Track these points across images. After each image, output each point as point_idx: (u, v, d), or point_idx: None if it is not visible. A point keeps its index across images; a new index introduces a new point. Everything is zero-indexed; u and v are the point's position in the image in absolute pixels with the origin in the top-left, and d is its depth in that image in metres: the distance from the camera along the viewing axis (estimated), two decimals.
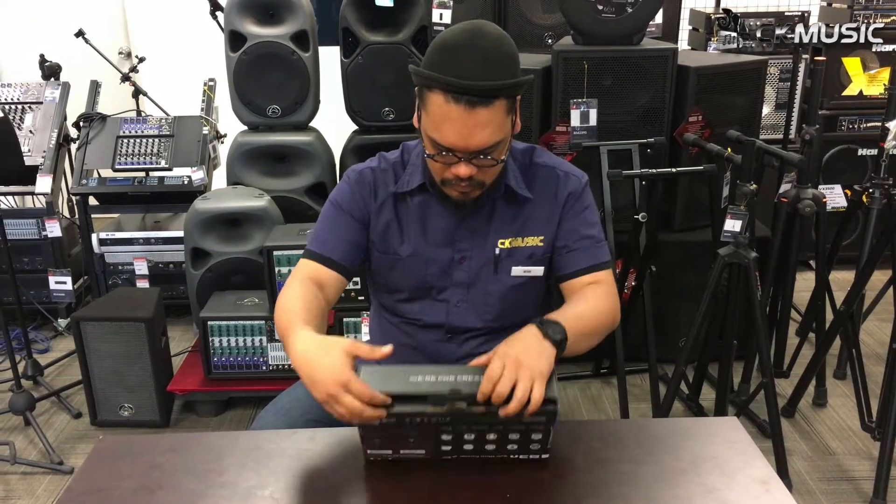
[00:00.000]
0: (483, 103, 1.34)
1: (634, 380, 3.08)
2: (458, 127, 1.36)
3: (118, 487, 1.28)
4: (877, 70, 3.85)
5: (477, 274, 1.58)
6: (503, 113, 1.38)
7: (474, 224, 1.57)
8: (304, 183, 3.30)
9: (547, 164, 1.60)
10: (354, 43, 3.20)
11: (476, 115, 1.34)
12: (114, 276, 3.51)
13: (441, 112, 1.36)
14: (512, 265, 1.58)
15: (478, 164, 1.41)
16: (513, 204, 1.57)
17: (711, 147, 2.56)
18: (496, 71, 1.35)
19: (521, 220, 1.57)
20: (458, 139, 1.37)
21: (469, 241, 1.57)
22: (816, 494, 2.43)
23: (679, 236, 3.02)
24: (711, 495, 1.23)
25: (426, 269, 1.58)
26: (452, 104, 1.34)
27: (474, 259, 1.58)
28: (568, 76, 2.80)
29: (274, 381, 2.82)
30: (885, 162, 2.75)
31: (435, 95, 1.36)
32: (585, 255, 1.57)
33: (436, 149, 1.41)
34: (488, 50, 1.35)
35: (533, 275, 1.59)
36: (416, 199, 1.57)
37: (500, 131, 1.39)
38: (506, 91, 1.36)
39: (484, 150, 1.39)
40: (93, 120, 3.43)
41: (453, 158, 1.40)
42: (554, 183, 1.58)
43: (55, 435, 2.81)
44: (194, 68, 3.94)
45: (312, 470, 1.32)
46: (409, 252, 1.58)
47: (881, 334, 3.39)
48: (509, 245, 1.57)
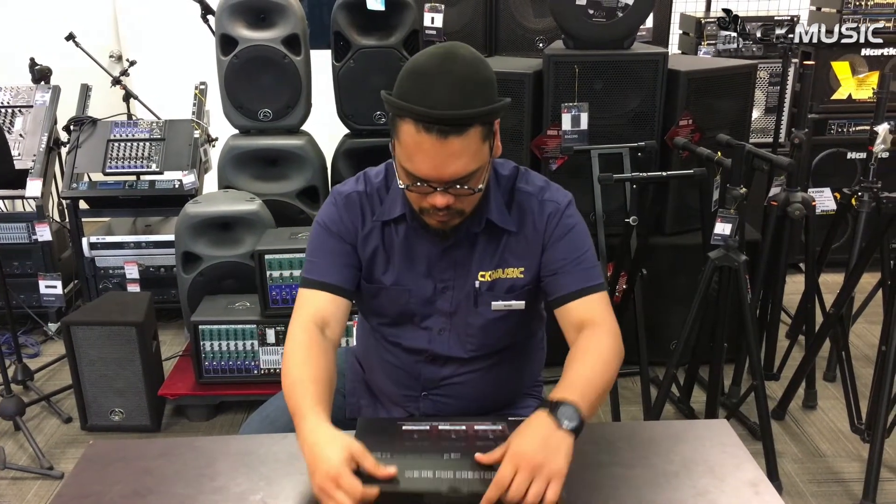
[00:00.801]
0: (456, 132, 1.28)
1: (626, 382, 3.09)
2: (430, 157, 1.30)
3: (109, 492, 1.28)
4: (865, 74, 3.87)
5: (458, 304, 1.54)
6: (478, 140, 1.32)
7: (457, 256, 1.51)
8: (295, 187, 3.30)
9: (528, 191, 1.52)
10: (346, 47, 3.20)
11: (449, 145, 1.29)
12: (104, 281, 3.50)
13: (413, 142, 1.30)
14: (491, 299, 1.52)
15: (455, 194, 1.36)
16: (496, 235, 1.51)
17: (701, 151, 2.57)
18: (469, 98, 1.28)
19: (500, 251, 1.51)
20: (430, 170, 1.32)
21: (451, 272, 1.52)
22: (806, 496, 2.44)
23: (670, 240, 3.03)
24: (702, 498, 1.24)
25: (408, 298, 1.54)
26: (424, 134, 1.28)
27: (456, 289, 1.53)
28: (559, 80, 2.81)
29: (265, 385, 2.81)
30: (874, 165, 2.77)
31: (406, 125, 1.30)
32: (574, 278, 1.48)
33: (410, 179, 1.36)
34: (460, 76, 1.29)
35: (514, 308, 1.54)
36: (401, 227, 1.52)
37: (475, 160, 1.33)
38: (480, 118, 1.30)
39: (459, 180, 1.34)
40: (83, 123, 3.42)
41: (428, 189, 1.35)
42: (533, 212, 1.51)
43: (45, 440, 2.79)
44: (185, 72, 3.93)
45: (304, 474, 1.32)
46: (392, 281, 1.53)
47: (870, 337, 3.41)
48: (490, 278, 1.51)
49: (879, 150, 2.71)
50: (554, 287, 1.50)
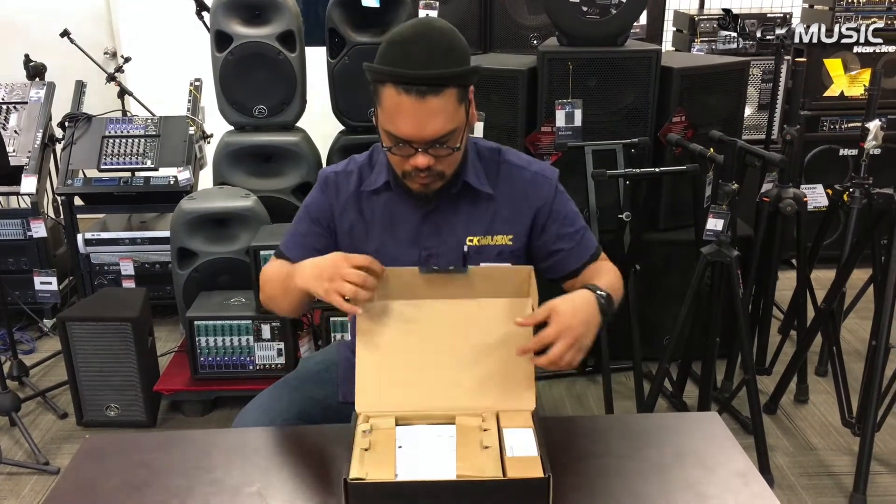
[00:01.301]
0: (433, 92, 1.36)
1: (619, 378, 3.11)
2: (410, 117, 1.38)
3: (106, 485, 1.29)
4: (857, 71, 3.90)
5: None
6: (454, 101, 1.40)
7: (439, 221, 1.58)
8: (290, 183, 3.31)
9: (515, 163, 1.62)
10: (341, 43, 3.20)
11: (427, 105, 1.37)
12: (99, 277, 3.50)
13: (393, 104, 1.39)
14: (480, 262, 1.58)
15: (434, 154, 1.43)
16: (478, 201, 1.58)
17: (694, 147, 2.59)
18: (444, 61, 1.37)
19: (488, 219, 1.58)
20: (411, 129, 1.39)
21: (435, 238, 1.58)
22: (798, 489, 2.46)
23: (663, 236, 3.05)
24: (692, 489, 1.26)
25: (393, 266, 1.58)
26: (403, 95, 1.37)
27: (442, 256, 1.58)
28: (553, 77, 2.82)
29: (261, 380, 2.80)
30: (866, 162, 2.79)
31: (387, 89, 1.39)
32: (577, 253, 1.62)
33: (392, 141, 1.43)
34: (435, 42, 1.39)
35: None
36: (382, 197, 1.59)
37: (452, 120, 1.41)
38: (454, 80, 1.39)
39: (439, 139, 1.41)
40: (78, 120, 3.42)
41: (410, 150, 1.43)
42: (523, 183, 1.59)
43: (41, 435, 2.80)
44: (180, 68, 3.94)
45: (298, 467, 1.33)
46: (375, 249, 1.58)
47: (861, 332, 3.44)
48: (478, 243, 1.58)
49: (871, 147, 2.73)
50: (561, 266, 1.63)
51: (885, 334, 2.32)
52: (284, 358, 2.84)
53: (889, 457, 2.61)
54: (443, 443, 1.28)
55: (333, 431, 1.41)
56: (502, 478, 1.18)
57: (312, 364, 1.77)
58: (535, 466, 1.21)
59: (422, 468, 1.22)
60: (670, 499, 1.23)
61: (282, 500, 1.24)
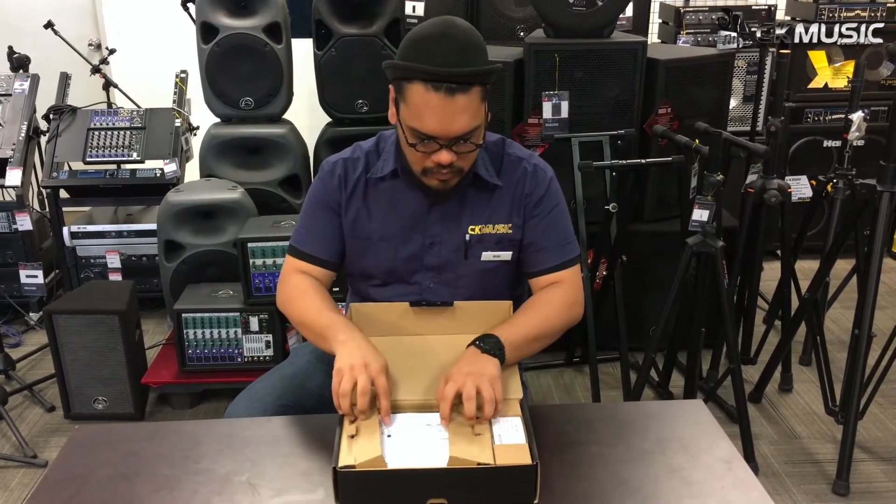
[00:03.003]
0: (461, 90, 1.40)
1: (606, 368, 3.13)
2: (438, 114, 1.41)
3: (95, 475, 1.29)
4: (841, 63, 3.93)
5: (447, 259, 1.63)
6: (479, 99, 1.44)
7: (444, 210, 1.61)
8: (277, 175, 3.30)
9: (518, 155, 1.66)
10: (327, 35, 3.20)
11: (455, 102, 1.40)
12: (86, 270, 3.49)
13: (422, 101, 1.41)
14: (482, 250, 1.63)
15: (457, 151, 1.47)
16: (482, 191, 1.62)
17: (680, 139, 2.61)
18: (470, 59, 1.41)
19: (490, 208, 1.62)
20: (439, 126, 1.42)
21: (439, 226, 1.62)
22: (782, 477, 2.49)
23: (649, 227, 3.07)
24: (677, 474, 1.27)
25: (396, 254, 1.62)
26: (433, 93, 1.40)
27: (444, 244, 1.62)
28: (540, 69, 2.83)
29: (249, 372, 2.82)
30: (849, 153, 2.82)
31: (415, 86, 1.41)
32: (554, 255, 1.64)
33: (417, 137, 1.46)
34: (460, 40, 1.42)
35: (502, 259, 1.65)
36: (388, 185, 1.62)
37: (476, 117, 1.45)
38: (481, 78, 1.43)
39: (464, 136, 1.45)
40: (63, 112, 3.40)
41: (434, 146, 1.45)
42: (523, 175, 1.64)
43: (28, 429, 2.79)
44: (166, 60, 3.91)
45: (288, 456, 1.34)
46: (380, 235, 1.62)
47: (845, 321, 3.47)
48: (479, 231, 1.62)
49: (854, 138, 2.76)
50: (534, 260, 1.65)
51: (868, 323, 2.35)
52: (273, 350, 2.84)
53: (871, 444, 2.65)
54: (432, 431, 1.29)
55: (324, 421, 1.42)
56: (491, 465, 1.20)
57: (304, 353, 1.78)
58: (523, 454, 1.22)
59: (412, 456, 1.23)
60: (655, 484, 1.25)
61: (272, 489, 1.25)
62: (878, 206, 2.33)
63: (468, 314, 1.52)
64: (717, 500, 1.22)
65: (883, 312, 3.54)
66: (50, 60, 3.71)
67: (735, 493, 1.23)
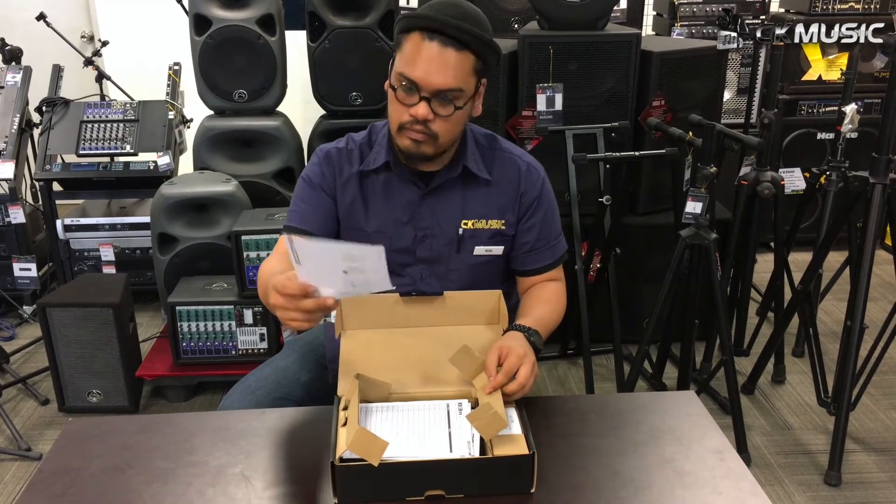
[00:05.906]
0: (454, 45, 1.44)
1: (600, 360, 3.14)
2: (426, 61, 1.44)
3: (89, 467, 1.29)
4: (835, 55, 3.93)
5: (439, 252, 1.64)
6: (469, 66, 1.47)
7: (436, 204, 1.62)
8: (271, 168, 3.30)
9: (510, 151, 1.68)
10: (321, 27, 3.19)
11: (445, 55, 1.44)
12: (79, 263, 3.48)
13: (415, 48, 1.45)
14: (475, 245, 1.64)
15: (436, 111, 1.47)
16: (475, 186, 1.63)
17: (673, 131, 2.61)
18: (472, 24, 1.46)
19: (484, 204, 1.63)
20: (423, 73, 1.44)
21: (431, 219, 1.62)
22: (774, 468, 2.51)
23: (643, 219, 3.08)
24: (669, 465, 1.28)
25: (389, 246, 1.61)
26: (426, 41, 1.44)
27: (437, 238, 1.63)
28: (534, 61, 2.83)
29: (243, 365, 2.82)
30: (842, 145, 2.83)
31: (412, 35, 1.46)
32: (546, 254, 1.69)
33: (400, 81, 1.47)
34: (466, 8, 1.48)
35: (494, 253, 1.66)
36: (381, 177, 1.62)
37: (462, 81, 1.47)
38: (476, 43, 1.46)
39: (445, 91, 1.46)
40: (55, 105, 3.39)
41: (415, 97, 1.46)
42: (516, 172, 1.65)
43: (22, 422, 2.79)
44: (159, 52, 3.90)
45: (282, 448, 1.34)
46: (375, 228, 1.63)
47: (837, 313, 3.49)
48: (472, 226, 1.63)
49: (847, 130, 2.76)
50: (526, 260, 1.69)
51: (860, 315, 2.36)
52: (267, 343, 2.85)
53: (863, 435, 2.66)
54: (427, 422, 1.30)
55: (318, 413, 1.42)
56: (489, 456, 1.21)
57: (299, 346, 1.78)
58: (519, 444, 1.23)
59: (408, 447, 1.23)
60: (648, 475, 1.25)
61: (266, 480, 1.25)
62: (870, 198, 2.34)
63: (458, 304, 1.53)
64: (709, 490, 1.23)
65: (875, 304, 3.56)
66: (42, 52, 3.69)
67: (727, 483, 1.24)
